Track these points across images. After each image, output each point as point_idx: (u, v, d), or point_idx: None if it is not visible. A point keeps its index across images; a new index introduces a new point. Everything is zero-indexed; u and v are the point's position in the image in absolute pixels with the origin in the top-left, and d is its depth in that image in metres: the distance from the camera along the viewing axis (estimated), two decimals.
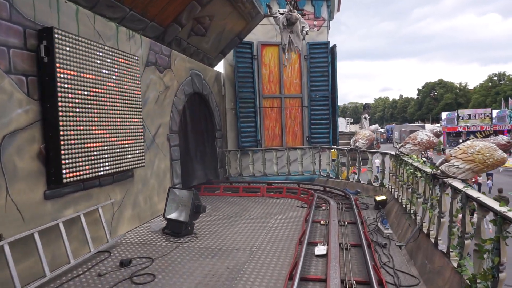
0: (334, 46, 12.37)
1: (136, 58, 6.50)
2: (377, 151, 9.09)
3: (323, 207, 7.66)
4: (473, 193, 3.48)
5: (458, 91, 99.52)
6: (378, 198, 7.44)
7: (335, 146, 11.57)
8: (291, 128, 12.36)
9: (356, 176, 9.63)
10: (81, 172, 4.95)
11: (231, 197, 9.31)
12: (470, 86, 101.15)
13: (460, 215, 3.74)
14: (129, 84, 6.17)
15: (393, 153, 7.99)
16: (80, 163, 4.93)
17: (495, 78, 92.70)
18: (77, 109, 4.88)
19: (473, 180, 20.31)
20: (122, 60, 5.99)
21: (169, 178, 8.00)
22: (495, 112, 60.15)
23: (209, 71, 10.85)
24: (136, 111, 6.36)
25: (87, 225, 5.08)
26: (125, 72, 6.05)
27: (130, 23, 6.69)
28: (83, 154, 4.99)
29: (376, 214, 6.76)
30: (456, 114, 58.53)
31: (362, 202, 8.03)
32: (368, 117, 13.71)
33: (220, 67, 11.92)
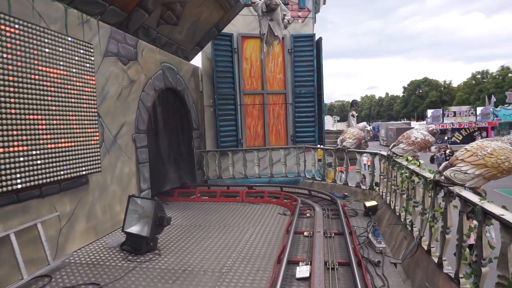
0: (320, 39, 11.62)
1: (90, 46, 5.58)
2: (366, 151, 8.40)
3: (307, 214, 6.89)
4: (494, 208, 2.73)
5: (442, 89, 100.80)
6: (368, 203, 6.71)
7: (321, 146, 10.84)
8: (274, 127, 11.57)
9: (343, 176, 8.91)
10: (12, 182, 4.04)
11: (207, 203, 8.47)
12: (454, 84, 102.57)
13: (473, 235, 3.00)
14: (79, 76, 5.25)
15: (384, 153, 7.27)
16: (10, 170, 4.02)
17: (479, 76, 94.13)
18: (6, 104, 3.97)
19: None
20: (70, 48, 5.07)
21: (135, 184, 7.10)
22: (479, 110, 60.76)
23: (185, 65, 9.96)
24: (89, 108, 5.44)
25: (22, 245, 4.18)
26: (73, 61, 5.13)
27: (83, 6, 5.76)
28: (14, 159, 4.08)
29: (367, 223, 6.02)
30: (441, 112, 58.77)
31: (350, 208, 7.29)
32: (356, 115, 13.03)
33: (197, 61, 11.06)
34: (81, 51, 5.32)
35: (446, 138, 56.50)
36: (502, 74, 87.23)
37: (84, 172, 5.31)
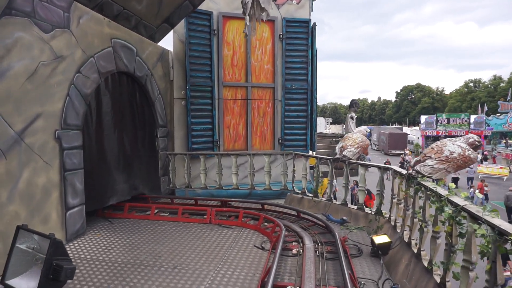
0: (314, 25, 9.73)
1: None
2: (373, 165, 6.55)
3: (294, 251, 5.00)
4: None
5: (435, 95, 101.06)
6: (378, 239, 4.85)
7: (314, 154, 8.98)
8: (259, 127, 9.66)
9: (339, 193, 7.07)
10: None
11: (164, 222, 6.50)
12: (447, 91, 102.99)
13: None
14: None
15: (400, 170, 5.42)
16: None
17: (471, 84, 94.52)
18: None
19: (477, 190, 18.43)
20: None
21: (58, 199, 5.11)
22: (473, 118, 60.10)
23: (148, 45, 7.97)
24: None
25: None
26: None
27: None
28: None
29: (379, 277, 4.14)
30: (435, 118, 57.76)
31: (352, 241, 5.43)
32: (355, 117, 11.20)
33: (168, 43, 9.08)
34: None
35: None
36: (494, 83, 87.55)
37: None
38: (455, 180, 25.94)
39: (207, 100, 9.07)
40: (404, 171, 5.22)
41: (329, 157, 7.13)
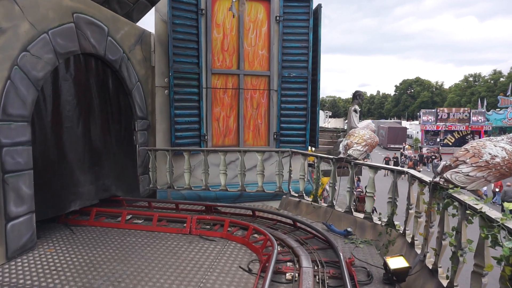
0: (319, 7, 8.66)
1: None
2: (385, 167, 5.54)
3: (288, 275, 4.01)
4: None
5: (434, 89, 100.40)
6: (393, 263, 3.87)
7: (313, 151, 7.99)
8: (253, 120, 8.63)
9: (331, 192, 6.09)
10: None
11: (134, 233, 5.50)
12: (446, 86, 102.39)
13: None
14: None
15: (421, 176, 4.43)
16: None
17: (471, 79, 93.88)
18: None
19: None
20: None
21: None
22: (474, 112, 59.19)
23: (124, 25, 6.89)
24: None
25: None
26: None
27: None
28: None
29: None
30: (435, 112, 56.80)
31: (359, 261, 4.46)
32: (359, 110, 10.17)
33: (148, 23, 8.00)
34: None
35: (438, 140, 54.80)
36: (494, 78, 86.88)
37: None
38: None
39: (193, 89, 8.01)
40: (426, 178, 4.22)
41: (331, 157, 6.11)
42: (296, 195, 6.94)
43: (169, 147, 7.70)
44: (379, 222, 5.28)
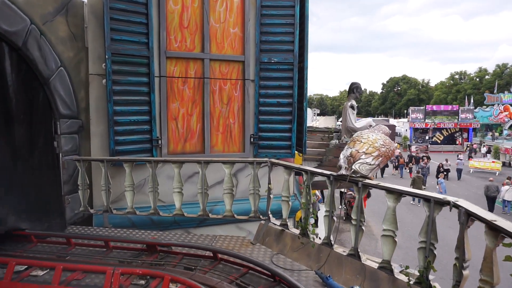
0: None
1: None
2: (414, 193, 3.59)
3: None
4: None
5: (421, 87, 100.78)
6: None
7: (303, 165, 6.09)
8: (223, 120, 6.65)
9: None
10: None
11: None
12: (432, 84, 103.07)
13: None
14: None
15: (484, 214, 2.55)
16: None
17: (457, 77, 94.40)
18: None
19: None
20: None
21: None
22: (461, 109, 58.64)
23: None
24: None
25: None
26: None
27: None
28: None
29: None
30: (424, 110, 55.87)
31: None
32: (356, 106, 8.32)
33: None
34: None
35: (427, 137, 53.91)
36: (479, 75, 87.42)
37: None
38: (446, 171, 23.82)
39: (141, 79, 5.98)
40: (498, 221, 2.34)
41: (328, 173, 4.17)
42: (277, 224, 5.00)
43: (104, 157, 5.66)
44: (405, 279, 3.38)
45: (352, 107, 8.03)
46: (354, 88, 8.25)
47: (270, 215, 5.12)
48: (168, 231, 5.70)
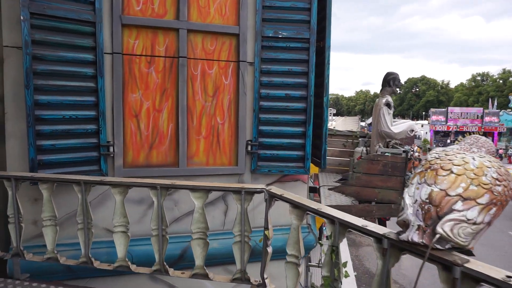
0: None
1: None
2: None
3: None
4: None
5: (440, 88, 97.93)
6: None
7: (325, 209, 4.09)
8: (207, 118, 4.64)
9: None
10: None
11: None
12: (451, 85, 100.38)
13: None
14: None
15: None
16: None
17: (478, 78, 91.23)
18: None
19: None
20: None
21: None
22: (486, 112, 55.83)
23: None
24: None
25: None
26: None
27: None
28: None
29: None
30: (446, 112, 53.11)
31: None
32: (392, 104, 6.20)
33: None
34: None
35: (448, 141, 51.08)
36: (503, 77, 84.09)
37: None
38: None
39: (82, 55, 4.01)
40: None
41: (376, 231, 2.10)
42: None
43: (22, 173, 3.72)
44: None
45: (388, 105, 5.92)
46: (390, 80, 6.12)
47: (267, 280, 3.07)
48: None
